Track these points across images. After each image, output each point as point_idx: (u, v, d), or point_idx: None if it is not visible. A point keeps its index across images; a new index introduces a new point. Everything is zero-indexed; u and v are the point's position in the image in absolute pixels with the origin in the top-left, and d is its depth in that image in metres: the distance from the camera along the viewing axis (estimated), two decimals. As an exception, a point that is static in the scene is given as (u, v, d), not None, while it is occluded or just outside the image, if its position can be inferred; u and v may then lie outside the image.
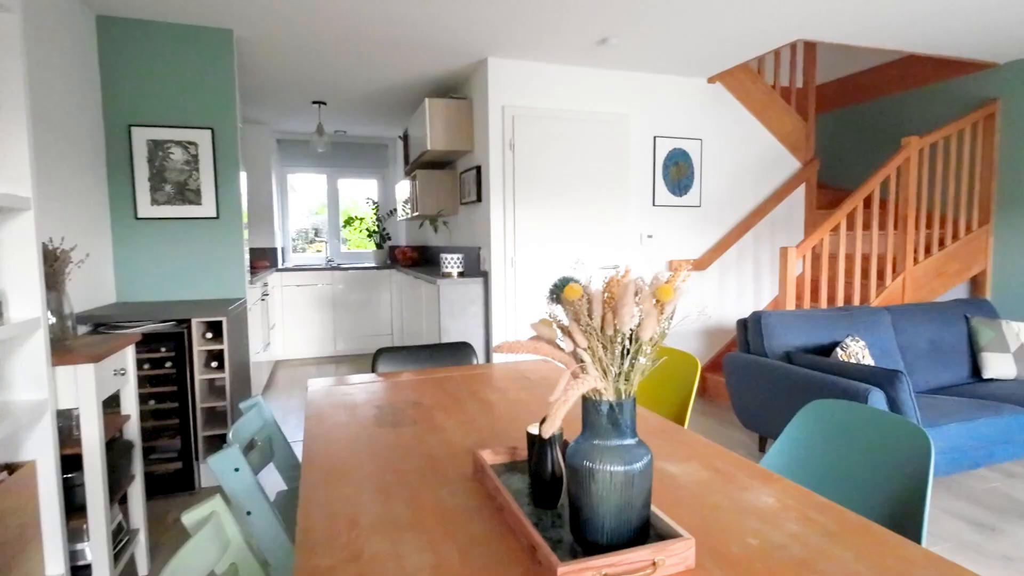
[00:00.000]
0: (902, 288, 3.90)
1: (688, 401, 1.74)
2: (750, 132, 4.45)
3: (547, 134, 3.84)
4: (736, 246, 4.50)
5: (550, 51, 3.61)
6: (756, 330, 3.09)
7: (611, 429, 0.88)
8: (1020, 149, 4.00)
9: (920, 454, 1.10)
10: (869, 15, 3.12)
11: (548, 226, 3.89)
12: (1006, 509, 2.55)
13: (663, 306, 0.87)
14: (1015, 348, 3.25)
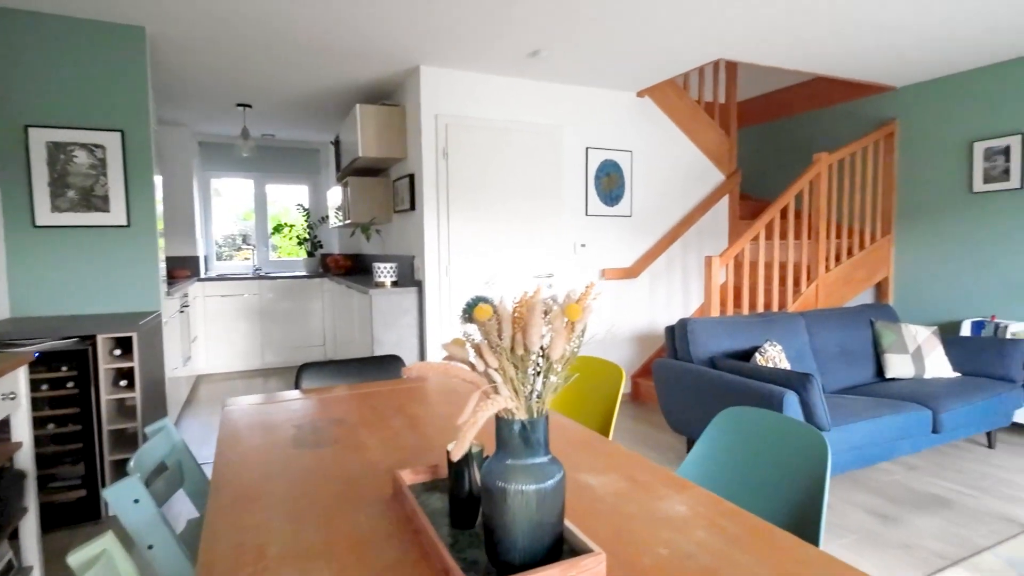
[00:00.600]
0: (815, 294, 4.15)
1: (613, 410, 1.77)
2: (677, 145, 4.63)
3: (481, 143, 3.85)
4: (666, 254, 4.66)
5: (483, 61, 3.62)
6: (682, 337, 3.20)
7: (524, 447, 0.88)
8: (915, 166, 4.36)
9: (818, 457, 1.17)
10: (780, 39, 3.32)
11: (483, 235, 3.89)
12: (905, 500, 2.75)
13: (573, 324, 0.88)
14: (913, 349, 3.52)
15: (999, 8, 2.96)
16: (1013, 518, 2.56)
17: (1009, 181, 3.83)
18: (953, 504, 2.70)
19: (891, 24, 3.15)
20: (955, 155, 4.12)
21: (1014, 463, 3.19)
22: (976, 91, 3.99)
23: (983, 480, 2.97)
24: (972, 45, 3.52)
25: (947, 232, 4.18)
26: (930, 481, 2.96)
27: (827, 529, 2.47)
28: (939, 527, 2.48)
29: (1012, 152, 3.81)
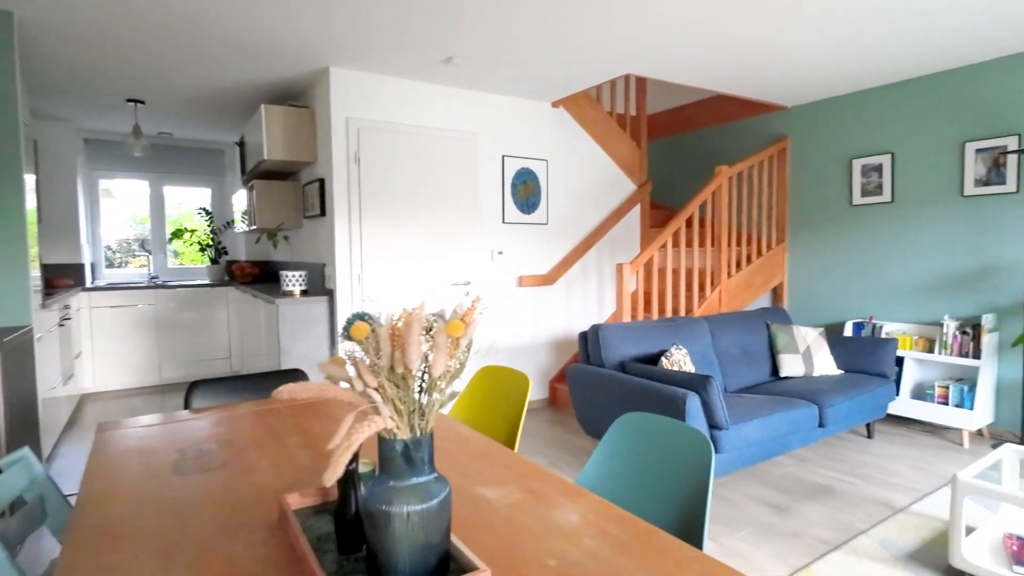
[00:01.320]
0: (719, 299, 4.39)
1: (520, 418, 1.77)
2: (591, 155, 4.76)
3: (395, 148, 3.78)
4: (581, 261, 4.77)
5: (397, 66, 3.56)
6: (594, 342, 3.28)
7: (407, 467, 0.85)
8: (805, 179, 4.72)
9: (703, 459, 1.22)
10: (682, 58, 3.49)
11: (398, 242, 3.82)
12: (797, 491, 2.95)
13: (457, 340, 0.86)
14: (803, 349, 3.79)
15: (872, 39, 3.27)
16: (886, 502, 2.80)
17: (882, 195, 4.23)
18: (837, 492, 2.93)
19: (780, 50, 3.39)
20: (838, 171, 4.50)
21: (889, 451, 3.51)
22: (855, 113, 4.38)
23: (862, 468, 3.24)
24: (851, 71, 3.86)
25: (832, 241, 4.56)
26: (818, 472, 3.19)
27: (727, 523, 2.61)
28: (824, 515, 2.68)
29: (884, 169, 4.21)
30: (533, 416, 4.33)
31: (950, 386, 3.69)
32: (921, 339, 3.92)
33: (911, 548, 2.34)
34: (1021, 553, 2.09)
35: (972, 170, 3.76)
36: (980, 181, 3.73)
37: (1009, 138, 3.59)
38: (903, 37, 3.25)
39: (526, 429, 4.01)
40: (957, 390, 3.66)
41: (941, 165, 3.91)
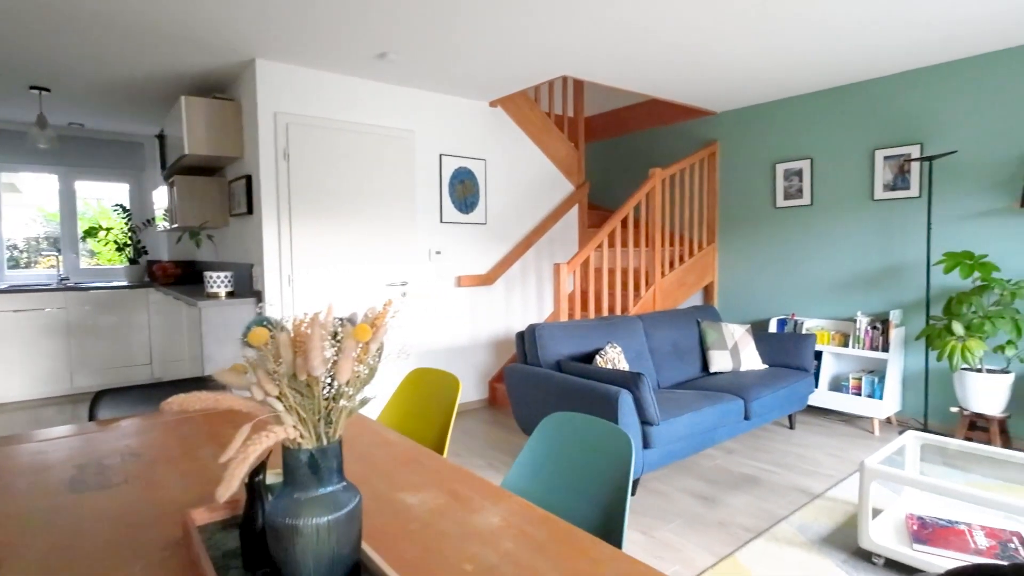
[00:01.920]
0: (653, 298, 4.51)
1: (449, 421, 1.75)
2: (529, 155, 4.79)
3: (328, 146, 3.67)
4: (520, 261, 4.79)
5: (329, 60, 3.45)
6: (531, 342, 3.29)
7: (314, 477, 0.82)
8: (733, 182, 4.92)
9: (624, 456, 1.24)
10: (615, 62, 3.56)
11: (331, 241, 3.71)
12: (724, 482, 3.07)
13: (367, 345, 0.84)
14: (731, 345, 3.95)
15: (790, 51, 3.44)
16: (805, 489, 2.96)
17: (803, 198, 4.46)
18: (761, 481, 3.06)
19: (707, 59, 3.52)
20: (762, 174, 4.71)
21: (809, 440, 3.71)
22: (778, 119, 4.60)
23: (785, 458, 3.41)
24: (774, 80, 4.05)
25: (758, 241, 4.77)
26: (744, 462, 3.33)
27: (659, 515, 2.68)
28: (749, 503, 2.80)
29: (804, 174, 4.45)
30: (472, 416, 4.31)
31: (863, 378, 3.94)
32: (837, 334, 4.17)
33: (826, 532, 2.48)
34: (920, 532, 2.26)
35: (881, 176, 4.03)
36: (888, 186, 4.00)
37: (913, 146, 3.87)
38: (818, 51, 3.44)
39: (465, 430, 3.99)
40: (869, 381, 3.91)
41: (854, 171, 4.17)
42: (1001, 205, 3.52)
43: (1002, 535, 2.22)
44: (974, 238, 3.63)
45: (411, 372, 1.98)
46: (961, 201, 3.68)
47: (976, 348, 3.23)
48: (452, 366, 4.39)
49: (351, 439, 1.56)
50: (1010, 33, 3.22)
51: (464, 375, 4.48)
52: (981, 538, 2.21)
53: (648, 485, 3.03)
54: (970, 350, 3.23)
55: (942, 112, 3.73)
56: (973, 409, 3.39)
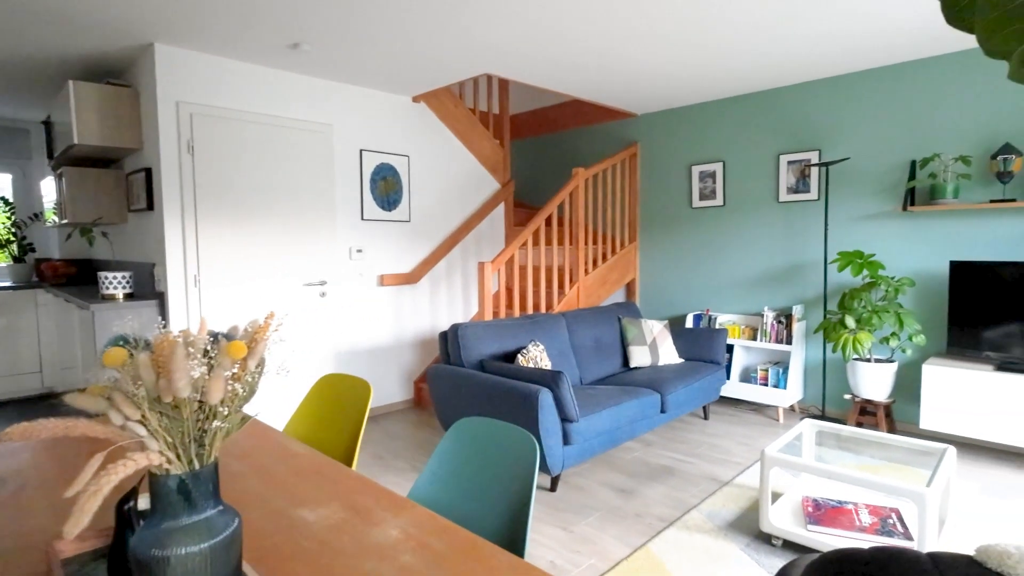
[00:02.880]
0: (577, 295, 4.60)
1: (360, 428, 1.71)
2: (454, 152, 4.74)
3: (239, 138, 3.48)
4: (446, 259, 4.74)
5: (237, 48, 3.26)
6: (454, 342, 3.27)
7: (185, 504, 0.76)
8: (653, 183, 5.09)
9: (529, 459, 1.25)
10: (536, 62, 3.59)
11: (243, 239, 3.52)
12: (642, 473, 3.17)
13: (245, 362, 0.79)
14: (650, 341, 4.09)
15: (698, 60, 3.58)
16: (716, 477, 3.11)
17: (716, 199, 4.68)
18: (676, 471, 3.19)
19: (623, 62, 3.61)
20: (680, 175, 4.90)
21: (721, 429, 3.90)
22: (694, 123, 4.80)
23: (699, 448, 3.57)
24: (688, 86, 4.21)
25: (676, 240, 4.96)
26: (661, 454, 3.46)
27: (578, 510, 2.73)
28: (664, 494, 2.91)
29: (717, 176, 4.67)
30: (397, 418, 4.24)
31: (769, 369, 4.19)
32: (748, 328, 4.41)
33: (732, 517, 2.62)
34: (814, 513, 2.43)
35: (785, 179, 4.29)
36: (791, 189, 4.27)
37: (813, 152, 4.14)
38: (727, 61, 3.61)
39: (389, 432, 3.91)
40: (775, 372, 4.16)
41: (761, 174, 4.41)
42: (887, 208, 3.83)
43: (883, 512, 2.43)
44: (865, 238, 3.94)
45: (321, 379, 1.91)
46: (854, 204, 3.98)
47: (865, 340, 3.51)
48: (375, 367, 4.29)
49: (251, 452, 1.49)
50: (895, 51, 3.50)
51: (388, 375, 4.39)
52: (865, 516, 2.40)
53: (569, 480, 3.08)
54: (860, 342, 3.51)
55: (837, 121, 4.02)
56: (863, 396, 3.68)
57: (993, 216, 3.45)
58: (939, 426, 3.35)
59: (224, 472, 1.35)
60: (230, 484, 1.29)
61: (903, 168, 3.76)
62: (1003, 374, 3.14)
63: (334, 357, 4.02)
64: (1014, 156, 3.25)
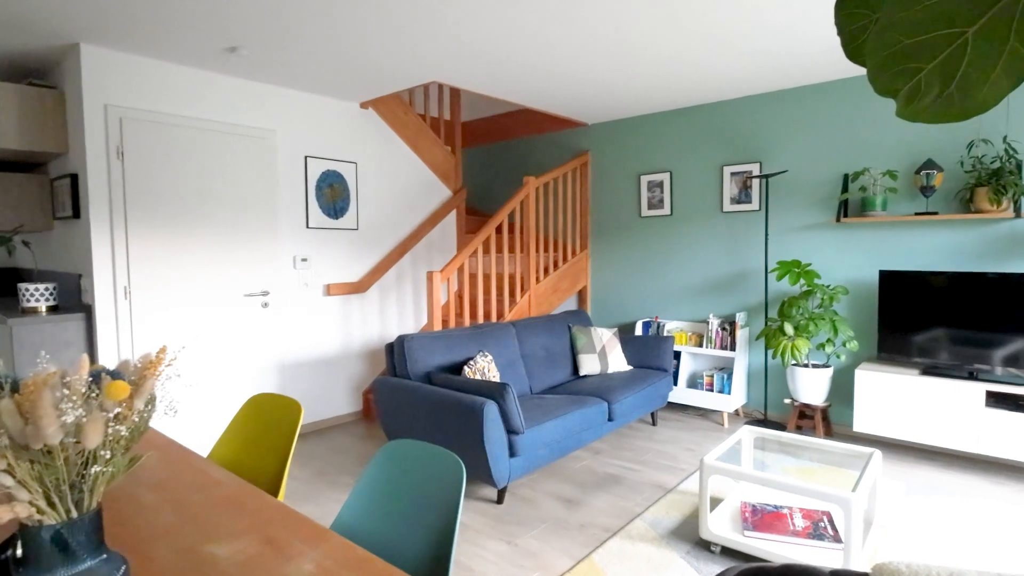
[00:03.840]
0: (528, 303, 4.61)
1: (289, 450, 1.65)
2: (404, 159, 4.69)
3: (174, 144, 3.34)
4: (396, 268, 4.68)
5: (171, 50, 3.14)
6: (400, 354, 3.22)
7: (62, 556, 0.71)
8: (603, 191, 5.16)
9: (455, 482, 1.23)
10: (482, 72, 3.58)
11: (179, 249, 3.38)
12: (589, 483, 3.19)
13: (131, 402, 0.74)
14: (599, 349, 4.13)
15: (640, 73, 3.65)
16: (661, 484, 3.16)
17: (664, 209, 4.78)
18: (622, 480, 3.23)
19: (568, 73, 3.64)
20: (629, 185, 4.99)
21: (668, 436, 3.97)
22: (642, 133, 4.89)
23: (646, 455, 3.62)
24: (637, 97, 4.29)
25: (626, 248, 5.04)
26: (609, 462, 3.50)
27: (523, 522, 2.73)
28: (610, 503, 2.93)
29: (665, 185, 4.77)
30: (344, 431, 4.14)
31: (715, 375, 4.30)
32: (694, 335, 4.51)
33: (674, 525, 2.66)
34: (752, 519, 2.49)
35: (728, 190, 4.41)
36: (734, 200, 4.39)
37: (754, 164, 4.27)
38: (670, 75, 3.69)
39: (335, 446, 3.82)
40: (719, 378, 4.27)
41: (706, 184, 4.53)
42: (823, 219, 3.99)
43: (816, 515, 2.51)
44: (803, 247, 4.09)
45: (250, 399, 1.84)
46: (793, 215, 4.12)
47: (802, 346, 3.64)
48: (322, 378, 4.19)
49: (168, 481, 1.42)
50: (826, 69, 3.65)
51: (335, 387, 4.29)
52: (799, 520, 2.48)
53: (517, 492, 3.07)
54: (797, 348, 3.63)
55: (777, 135, 4.16)
56: (801, 400, 3.82)
57: (918, 228, 3.64)
58: (871, 428, 3.50)
59: (133, 505, 1.28)
60: (138, 518, 1.22)
61: (836, 181, 3.92)
62: (927, 378, 3.31)
63: (277, 369, 3.90)
64: (935, 171, 3.43)
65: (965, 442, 3.20)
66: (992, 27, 0.62)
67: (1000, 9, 0.61)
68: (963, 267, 3.49)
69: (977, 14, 0.62)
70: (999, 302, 3.21)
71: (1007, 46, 0.62)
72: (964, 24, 0.63)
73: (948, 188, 3.52)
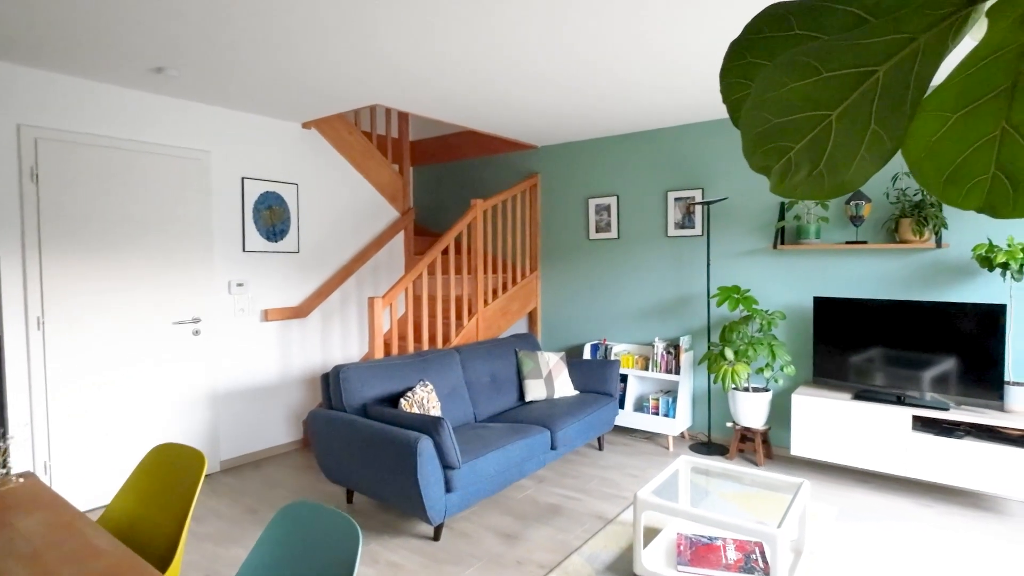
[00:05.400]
0: (476, 327, 4.56)
1: (189, 507, 1.55)
2: (349, 180, 4.60)
3: (98, 166, 3.18)
4: (340, 291, 4.57)
5: (93, 69, 2.99)
6: (335, 385, 3.12)
7: None
8: (553, 213, 5.17)
9: (350, 546, 1.17)
10: (425, 95, 3.55)
11: (100, 276, 3.20)
12: (530, 515, 3.14)
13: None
14: (545, 374, 4.11)
15: (585, 100, 3.69)
16: (601, 515, 3.14)
17: (611, 232, 4.82)
18: (563, 511, 3.19)
19: (516, 98, 3.65)
20: (578, 207, 5.02)
21: (614, 461, 3.97)
22: (591, 157, 4.93)
23: (590, 482, 3.60)
24: (583, 121, 4.33)
25: (575, 271, 5.06)
26: (552, 491, 3.46)
27: (459, 560, 2.66)
28: (549, 536, 2.89)
29: (612, 209, 4.81)
30: (281, 462, 3.99)
31: (660, 398, 4.33)
32: (641, 357, 4.54)
33: (610, 559, 2.63)
34: (686, 552, 2.49)
35: (673, 215, 4.48)
36: (678, 224, 4.47)
37: (696, 190, 4.36)
38: (614, 102, 3.74)
39: (269, 480, 3.67)
40: (665, 401, 4.30)
41: (652, 209, 4.60)
42: (762, 246, 4.09)
43: (748, 547, 2.53)
44: (743, 273, 4.18)
45: (154, 448, 1.73)
46: (733, 240, 4.21)
47: (742, 371, 3.70)
48: (259, 407, 4.03)
49: (44, 551, 1.31)
50: (762, 101, 3.75)
51: (273, 416, 4.14)
52: (732, 552, 2.49)
53: (455, 526, 3.00)
54: (737, 374, 3.69)
55: (718, 162, 4.26)
56: (742, 424, 3.87)
57: (850, 256, 3.76)
58: (807, 452, 3.58)
59: (-7, 586, 1.17)
60: (-4, 602, 1.11)
61: (774, 209, 4.03)
62: (859, 403, 3.41)
63: (208, 400, 3.73)
64: (863, 202, 3.56)
65: (894, 465, 3.30)
66: (854, 111, 0.61)
67: (860, 95, 0.61)
68: (891, 294, 3.63)
69: (839, 98, 0.61)
70: (923, 329, 3.33)
71: (869, 129, 0.62)
72: (828, 107, 0.62)
73: (876, 218, 3.66)
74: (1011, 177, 0.62)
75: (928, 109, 0.65)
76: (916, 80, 0.60)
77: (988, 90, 0.62)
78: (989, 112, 0.62)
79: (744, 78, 0.72)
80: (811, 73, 0.62)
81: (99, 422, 3.22)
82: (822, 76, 0.62)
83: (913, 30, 0.59)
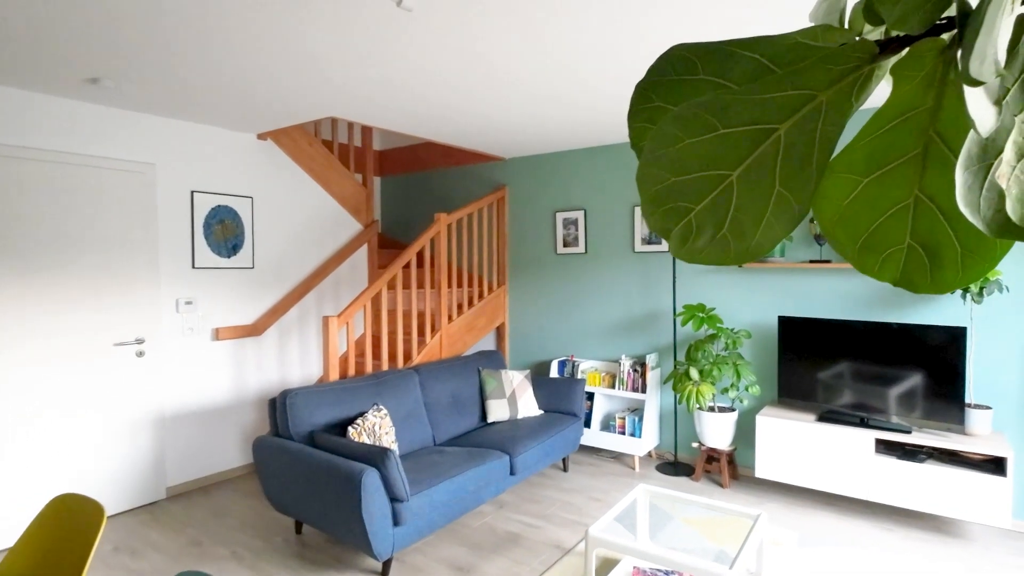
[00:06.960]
0: (440, 344, 4.44)
1: (85, 561, 1.41)
2: (309, 192, 4.46)
3: (30, 181, 3.01)
4: (298, 307, 4.42)
5: (24, 78, 2.83)
6: (282, 411, 2.98)
7: None
8: (521, 227, 5.08)
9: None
10: (382, 108, 3.43)
11: (32, 297, 3.03)
12: (487, 545, 3.03)
13: None
14: (509, 393, 4.01)
15: (547, 113, 3.61)
16: (560, 543, 3.04)
17: (579, 247, 4.74)
18: (521, 539, 3.08)
19: (480, 109, 3.55)
20: (545, 221, 4.93)
21: (578, 483, 3.87)
22: (558, 170, 4.85)
23: (552, 507, 3.50)
24: (550, 135, 4.25)
25: (542, 285, 4.97)
26: (512, 517, 3.35)
27: (408, 598, 2.53)
28: (504, 569, 2.78)
29: (579, 223, 4.74)
30: (230, 488, 3.82)
31: (627, 417, 4.25)
32: (608, 375, 4.46)
33: (565, 596, 2.53)
34: (641, 589, 2.39)
35: (640, 230, 4.42)
36: (645, 240, 4.40)
37: (663, 206, 4.29)
38: (578, 114, 3.66)
39: (216, 508, 3.50)
40: (631, 420, 4.22)
41: (619, 223, 4.53)
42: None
43: (705, 582, 2.44)
44: (709, 290, 4.12)
45: (52, 500, 1.59)
46: (699, 257, 4.15)
47: (707, 392, 3.63)
48: (209, 430, 3.86)
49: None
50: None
51: (225, 439, 3.96)
52: (689, 588, 2.40)
53: (406, 559, 2.88)
54: (702, 394, 3.62)
55: (683, 178, 4.20)
56: (708, 444, 3.81)
57: (814, 275, 3.73)
58: (771, 474, 3.52)
59: None
60: None
61: (739, 226, 3.97)
62: (823, 425, 3.36)
63: (154, 423, 3.56)
64: (827, 221, 3.52)
65: (857, 488, 3.25)
66: (756, 171, 0.53)
67: (760, 155, 0.53)
68: (854, 315, 3.59)
69: (739, 157, 0.53)
70: (887, 351, 3.30)
71: (774, 191, 0.54)
72: (728, 167, 0.54)
73: (839, 237, 3.62)
74: (927, 249, 0.53)
75: (838, 171, 0.56)
76: (821, 140, 0.52)
77: (898, 155, 0.53)
78: (901, 178, 0.54)
79: (651, 122, 0.63)
80: (708, 129, 0.53)
81: (18, 459, 3.04)
82: (719, 132, 0.53)
83: (814, 86, 0.50)
